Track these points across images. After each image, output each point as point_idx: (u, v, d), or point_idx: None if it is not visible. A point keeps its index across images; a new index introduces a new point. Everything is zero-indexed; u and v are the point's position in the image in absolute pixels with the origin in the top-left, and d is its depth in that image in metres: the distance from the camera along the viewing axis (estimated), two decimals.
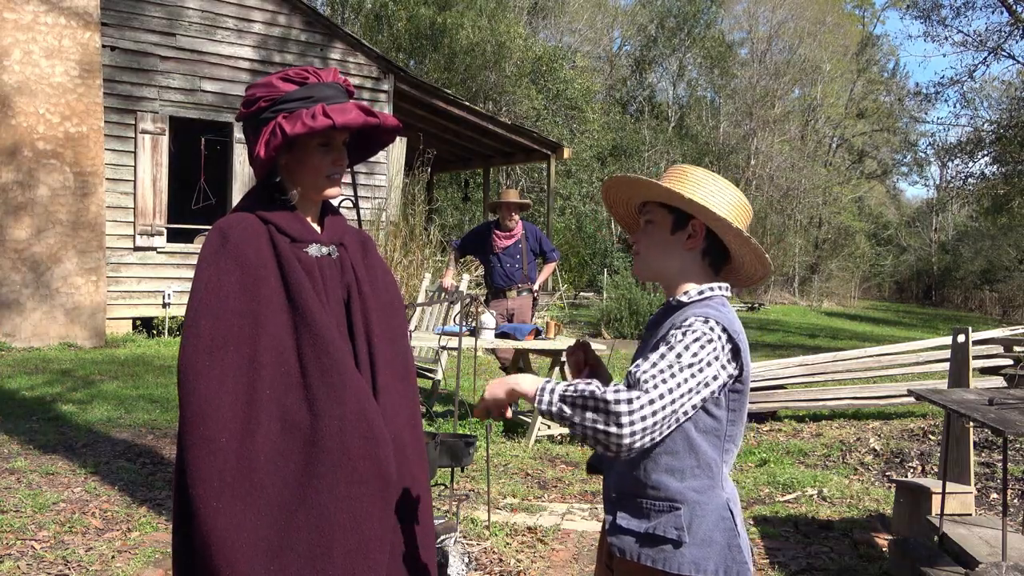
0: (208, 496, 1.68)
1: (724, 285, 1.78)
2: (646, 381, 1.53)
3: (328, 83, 1.88)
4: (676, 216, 1.76)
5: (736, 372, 1.67)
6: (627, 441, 1.50)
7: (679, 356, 1.57)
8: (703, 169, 1.80)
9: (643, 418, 1.50)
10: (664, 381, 1.54)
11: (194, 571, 1.74)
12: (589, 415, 1.51)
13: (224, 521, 1.67)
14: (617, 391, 1.51)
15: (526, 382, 1.64)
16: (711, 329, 1.63)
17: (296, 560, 1.71)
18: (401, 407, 1.93)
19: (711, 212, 1.70)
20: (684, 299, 1.74)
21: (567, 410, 1.53)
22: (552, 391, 1.56)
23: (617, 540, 1.73)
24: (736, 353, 1.66)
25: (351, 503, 1.73)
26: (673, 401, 1.53)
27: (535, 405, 1.58)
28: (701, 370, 1.58)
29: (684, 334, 1.61)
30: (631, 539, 1.71)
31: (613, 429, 1.49)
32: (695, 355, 1.58)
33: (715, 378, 1.61)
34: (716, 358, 1.61)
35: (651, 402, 1.51)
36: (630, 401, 1.50)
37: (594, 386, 1.52)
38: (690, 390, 1.57)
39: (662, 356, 1.58)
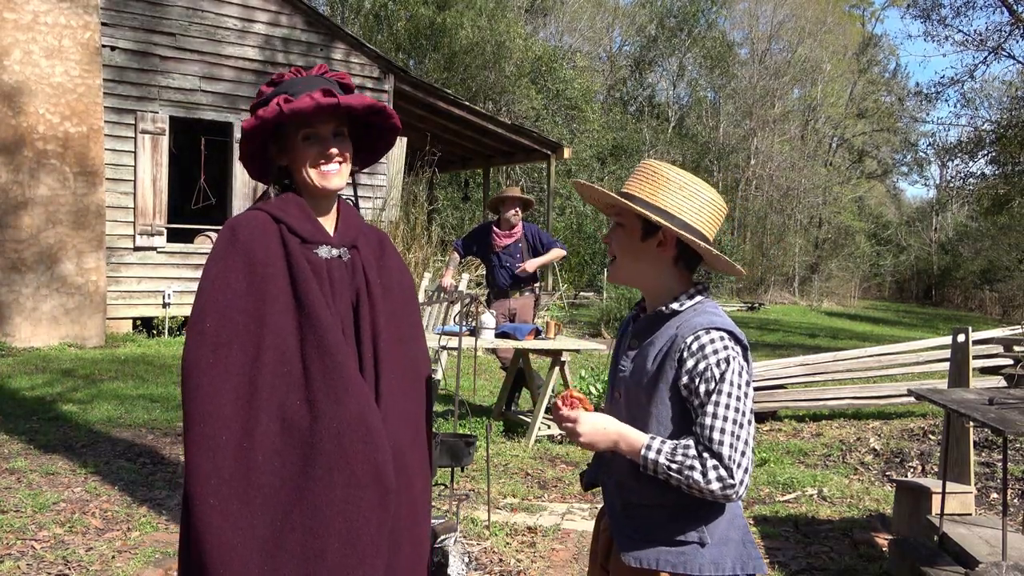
0: (205, 493, 1.68)
1: (705, 287, 1.80)
2: (731, 457, 1.61)
3: (306, 77, 1.90)
4: (646, 222, 1.74)
5: (749, 369, 1.72)
6: (735, 501, 1.66)
7: (730, 395, 1.64)
8: (673, 169, 1.76)
9: (742, 482, 1.62)
10: (738, 437, 1.62)
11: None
12: (696, 492, 1.64)
13: (219, 519, 1.67)
14: (720, 479, 1.60)
15: (625, 446, 1.69)
16: (726, 340, 1.67)
17: (289, 561, 1.70)
18: (407, 412, 1.91)
19: (683, 233, 1.71)
20: (677, 307, 1.75)
21: (672, 479, 1.64)
22: (656, 462, 1.64)
23: (632, 551, 1.72)
24: (744, 351, 1.71)
25: (347, 507, 1.72)
26: (746, 443, 1.63)
27: (639, 465, 1.68)
28: (747, 395, 1.66)
29: (718, 366, 1.64)
30: (648, 547, 1.71)
31: (721, 501, 1.65)
32: (739, 386, 1.65)
33: (751, 387, 1.70)
34: (747, 372, 1.68)
35: (739, 465, 1.61)
36: (733, 486, 1.61)
37: (697, 475, 1.61)
38: (750, 421, 1.66)
39: (716, 405, 1.63)
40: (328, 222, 1.94)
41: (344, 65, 12.35)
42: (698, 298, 1.76)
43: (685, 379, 1.66)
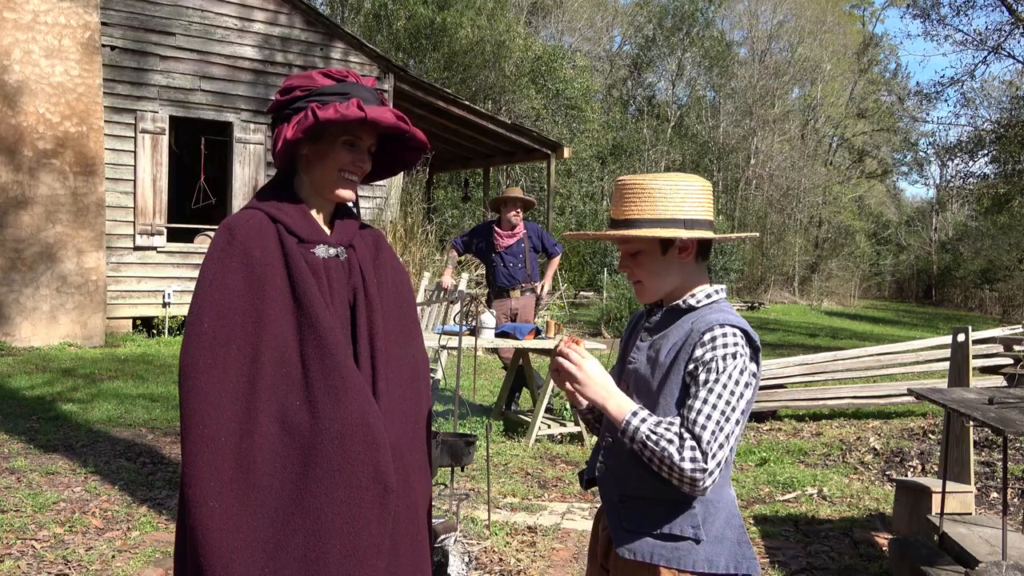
0: (205, 495, 1.67)
1: (722, 288, 1.82)
2: (710, 443, 1.62)
3: (365, 86, 1.90)
4: (662, 239, 1.77)
5: (755, 370, 1.73)
6: (700, 491, 1.64)
7: (725, 387, 1.65)
8: (654, 177, 1.78)
9: (712, 472, 1.62)
10: (721, 428, 1.63)
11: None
12: (665, 469, 1.63)
13: (220, 521, 1.66)
14: (694, 460, 1.61)
15: (614, 405, 1.70)
16: (738, 337, 1.69)
17: (291, 563, 1.69)
18: (405, 412, 1.91)
19: (703, 235, 1.75)
20: (693, 303, 1.78)
21: (647, 451, 1.65)
22: (636, 429, 1.66)
23: (627, 543, 1.73)
24: (755, 352, 1.73)
25: (349, 508, 1.72)
26: (728, 437, 1.64)
27: (619, 430, 1.69)
28: (742, 395, 1.67)
29: (723, 359, 1.66)
30: (643, 541, 1.72)
31: (687, 488, 1.64)
32: (736, 382, 1.66)
33: (749, 388, 1.70)
34: (750, 372, 1.69)
35: (715, 456, 1.62)
36: (705, 471, 1.61)
37: (672, 448, 1.62)
38: (738, 420, 1.66)
39: (709, 392, 1.65)
40: (324, 221, 1.94)
41: (343, 64, 12.35)
42: (714, 296, 1.79)
43: (691, 367, 1.69)
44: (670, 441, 1.62)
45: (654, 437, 1.63)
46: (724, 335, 1.68)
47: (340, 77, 1.88)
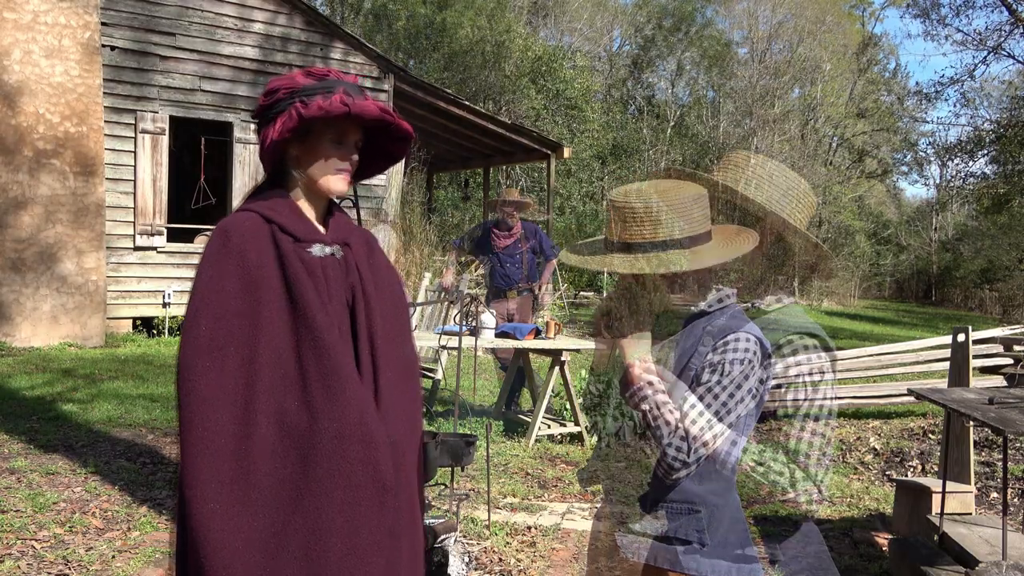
0: (205, 497, 1.67)
1: (733, 292, 1.82)
2: (696, 439, 1.64)
3: (348, 82, 1.90)
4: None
5: (764, 377, 1.73)
6: (670, 479, 1.68)
7: (725, 388, 1.67)
8: (652, 198, 1.73)
9: (689, 467, 1.65)
10: (710, 428, 1.65)
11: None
12: (657, 441, 1.67)
13: (220, 523, 1.67)
14: (678, 450, 1.64)
15: (636, 373, 1.71)
16: (751, 343, 1.70)
17: (292, 563, 1.70)
18: (403, 411, 1.92)
19: (702, 267, 1.75)
20: (704, 307, 1.79)
21: (647, 417, 1.68)
22: (646, 397, 1.68)
23: (631, 545, 1.73)
24: (765, 358, 1.73)
25: (348, 508, 1.72)
26: (715, 437, 1.66)
27: (629, 390, 1.70)
28: (742, 399, 1.68)
29: (730, 363, 1.68)
30: (648, 543, 1.72)
31: (660, 471, 1.67)
32: (739, 386, 1.67)
33: (753, 397, 1.70)
34: (756, 379, 1.70)
35: (696, 451, 1.65)
36: (685, 464, 1.64)
37: (667, 431, 1.65)
38: (731, 424, 1.68)
39: (708, 391, 1.67)
40: (318, 219, 1.94)
41: (343, 65, 12.35)
42: (725, 300, 1.81)
43: (698, 368, 1.71)
44: (667, 423, 1.64)
45: (656, 411, 1.65)
46: (738, 340, 1.70)
47: (321, 75, 1.89)
